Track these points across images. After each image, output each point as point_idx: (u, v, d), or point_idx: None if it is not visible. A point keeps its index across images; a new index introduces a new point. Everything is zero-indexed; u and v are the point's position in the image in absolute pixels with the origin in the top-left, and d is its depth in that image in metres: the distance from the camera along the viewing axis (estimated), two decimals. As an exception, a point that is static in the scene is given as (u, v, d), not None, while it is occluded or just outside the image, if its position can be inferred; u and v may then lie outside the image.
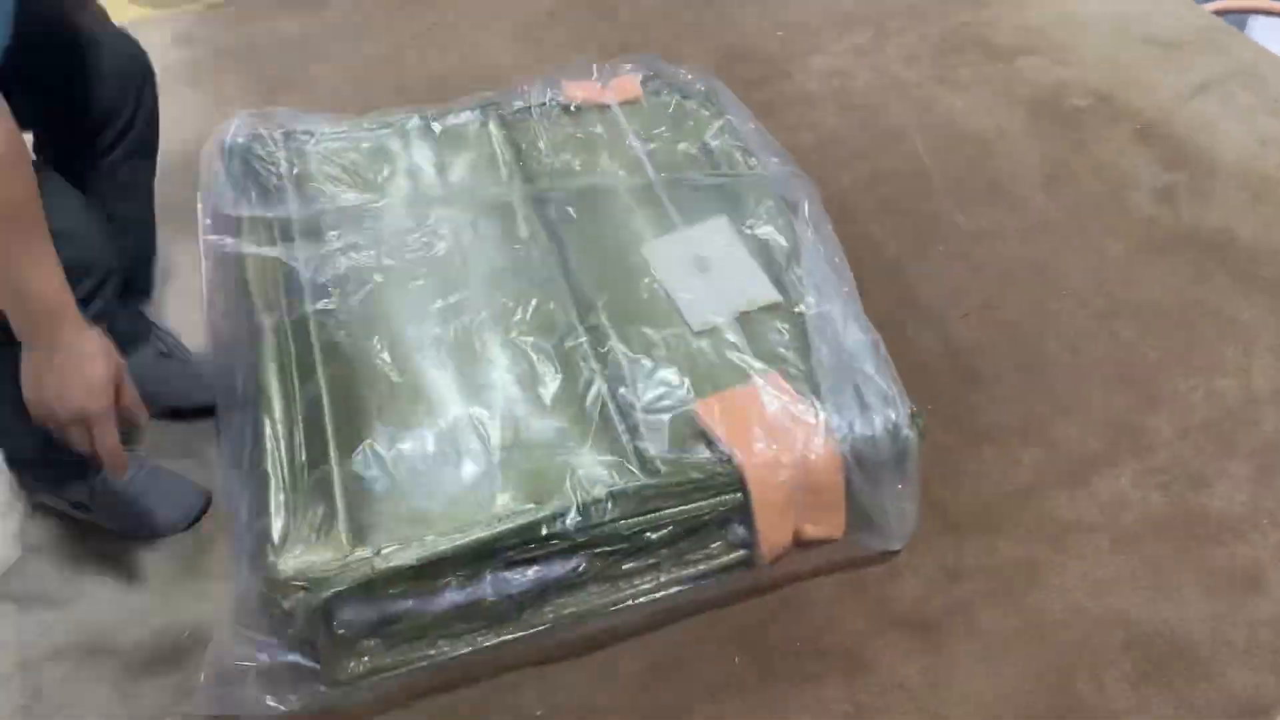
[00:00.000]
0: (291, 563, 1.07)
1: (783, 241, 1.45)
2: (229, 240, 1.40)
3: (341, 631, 1.11)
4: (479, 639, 1.20)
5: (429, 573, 1.11)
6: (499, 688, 1.21)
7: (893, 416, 1.24)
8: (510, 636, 1.20)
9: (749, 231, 1.47)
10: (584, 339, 1.32)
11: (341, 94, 2.15)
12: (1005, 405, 1.50)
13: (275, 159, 1.54)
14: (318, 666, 1.11)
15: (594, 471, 1.19)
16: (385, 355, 1.30)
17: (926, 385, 1.50)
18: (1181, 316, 1.62)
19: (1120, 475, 1.41)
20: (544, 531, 1.13)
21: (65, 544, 1.37)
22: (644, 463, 1.19)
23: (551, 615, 1.21)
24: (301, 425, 1.21)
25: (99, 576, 1.33)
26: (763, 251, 1.44)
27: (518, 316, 1.36)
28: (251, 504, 1.15)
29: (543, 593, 1.19)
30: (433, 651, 1.17)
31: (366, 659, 1.14)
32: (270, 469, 1.16)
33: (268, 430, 1.20)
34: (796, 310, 1.36)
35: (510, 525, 1.12)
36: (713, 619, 1.27)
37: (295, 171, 1.53)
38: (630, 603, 1.23)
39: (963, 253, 1.73)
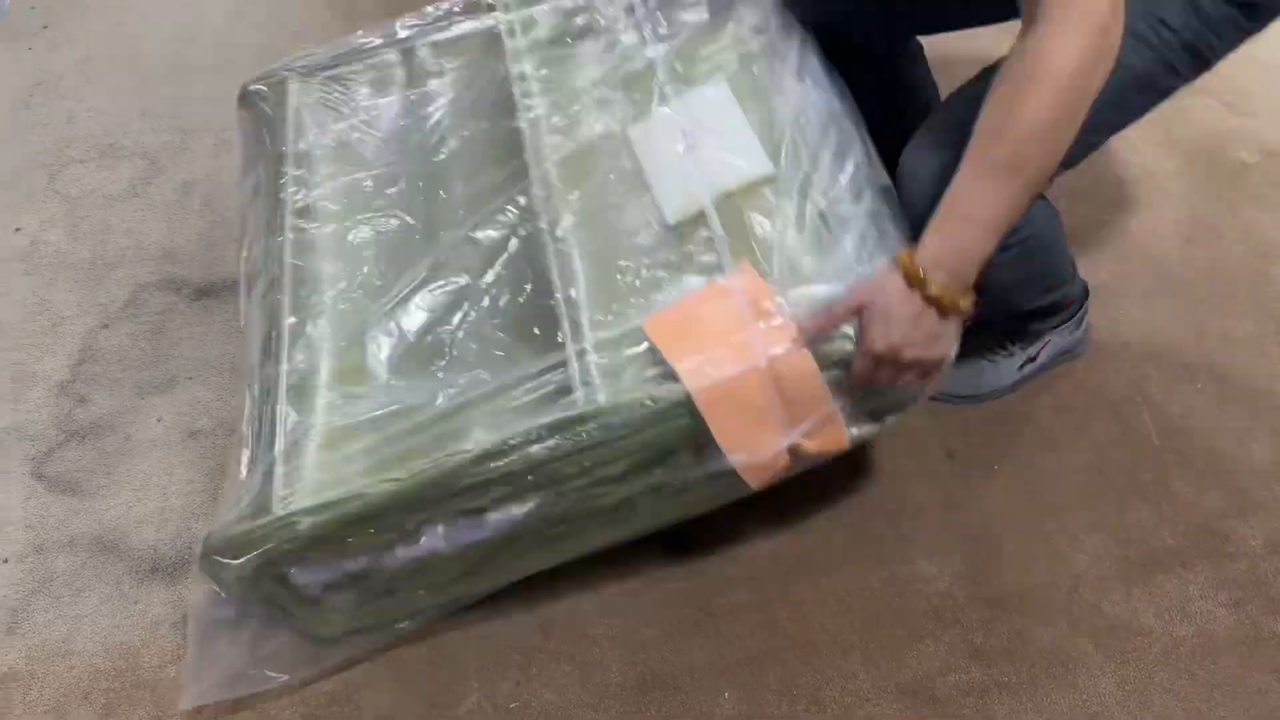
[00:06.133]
0: (218, 534, 1.02)
1: (789, 95, 1.22)
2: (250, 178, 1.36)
3: (307, 592, 1.08)
4: (450, 590, 1.14)
5: (363, 529, 1.02)
6: (480, 670, 1.18)
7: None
8: (486, 588, 1.16)
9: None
10: (550, 247, 1.16)
11: None
12: (1078, 476, 1.37)
13: (281, 100, 1.42)
14: (292, 624, 1.10)
15: (536, 403, 1.05)
16: (344, 291, 1.21)
17: (999, 439, 1.40)
18: (1303, 417, 1.46)
19: (1189, 581, 1.28)
20: (474, 478, 1.00)
21: (107, 434, 1.40)
22: (590, 390, 1.04)
23: (534, 558, 1.14)
24: (268, 387, 1.14)
25: (130, 473, 1.36)
26: (765, 111, 1.23)
27: (479, 231, 1.21)
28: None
29: (509, 540, 1.09)
30: (412, 609, 1.14)
31: (341, 617, 1.11)
32: (245, 427, 1.12)
33: (246, 394, 1.15)
34: (790, 182, 1.15)
35: (431, 474, 1.00)
36: (716, 644, 1.21)
37: (295, 109, 1.41)
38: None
39: (1072, 302, 1.60)
